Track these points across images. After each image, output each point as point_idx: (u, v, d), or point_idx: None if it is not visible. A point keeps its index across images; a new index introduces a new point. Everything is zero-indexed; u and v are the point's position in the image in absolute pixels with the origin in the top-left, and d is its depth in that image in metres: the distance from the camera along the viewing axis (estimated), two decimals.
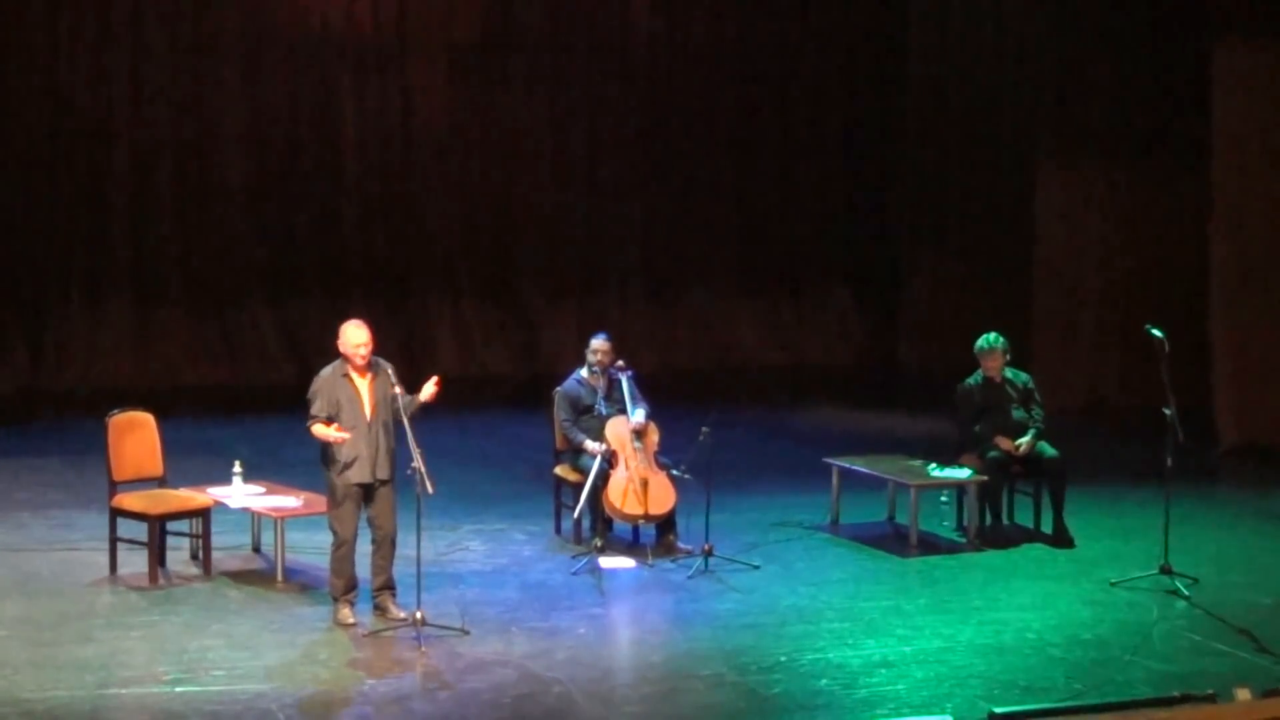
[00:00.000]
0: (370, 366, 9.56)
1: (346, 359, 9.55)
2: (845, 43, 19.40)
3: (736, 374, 18.65)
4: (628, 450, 11.09)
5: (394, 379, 9.50)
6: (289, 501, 10.61)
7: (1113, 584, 10.53)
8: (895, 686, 8.68)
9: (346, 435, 9.39)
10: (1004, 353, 11.79)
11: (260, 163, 17.53)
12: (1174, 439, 10.44)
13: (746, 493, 12.75)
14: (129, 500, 10.40)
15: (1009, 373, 11.87)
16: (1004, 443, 11.56)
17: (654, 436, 11.27)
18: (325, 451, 9.55)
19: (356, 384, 9.54)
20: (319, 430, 9.47)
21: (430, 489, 9.19)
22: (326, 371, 9.62)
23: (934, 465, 11.69)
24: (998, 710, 6.17)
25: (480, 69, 18.15)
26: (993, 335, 11.85)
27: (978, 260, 18.52)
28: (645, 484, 10.99)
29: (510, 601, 10.06)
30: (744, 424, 15.41)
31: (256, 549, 10.98)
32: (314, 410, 9.52)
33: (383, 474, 9.53)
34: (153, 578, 10.23)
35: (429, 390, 9.52)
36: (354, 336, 9.52)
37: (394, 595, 9.62)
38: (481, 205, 18.35)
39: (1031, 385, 11.94)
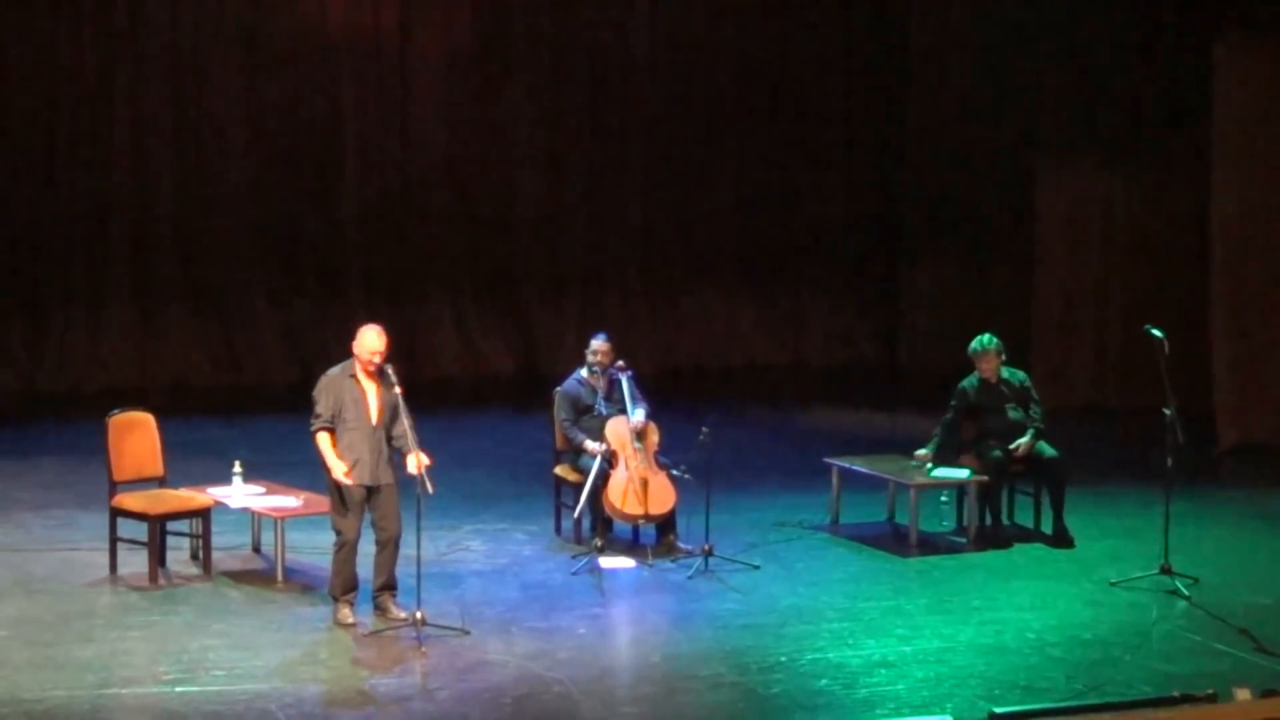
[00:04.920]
0: (377, 371, 9.55)
1: (357, 360, 9.54)
2: (846, 42, 19.39)
3: (736, 374, 18.66)
4: (628, 450, 11.09)
5: (394, 379, 9.50)
6: (289, 501, 10.61)
7: (1113, 584, 10.53)
8: (895, 686, 8.69)
9: (346, 478, 9.39)
10: (998, 353, 11.78)
11: (261, 164, 17.52)
12: (1174, 439, 10.44)
13: (746, 493, 12.75)
14: (129, 500, 10.40)
15: (1005, 372, 11.87)
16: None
17: (654, 436, 11.28)
18: None
19: (363, 386, 9.54)
20: (322, 444, 9.47)
21: (431, 489, 9.20)
22: (334, 371, 9.62)
23: (931, 465, 11.69)
24: (998, 710, 6.17)
25: (480, 70, 18.15)
26: (985, 337, 11.84)
27: (978, 260, 18.52)
28: (645, 484, 11.00)
29: (510, 601, 10.06)
30: (744, 424, 15.41)
31: (256, 549, 10.98)
32: (318, 410, 9.51)
33: (385, 478, 9.52)
34: (153, 578, 10.23)
35: (412, 467, 9.45)
36: (371, 343, 9.51)
37: (394, 595, 9.62)
38: (481, 205, 18.34)
39: (1029, 384, 11.94)
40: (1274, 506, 12.91)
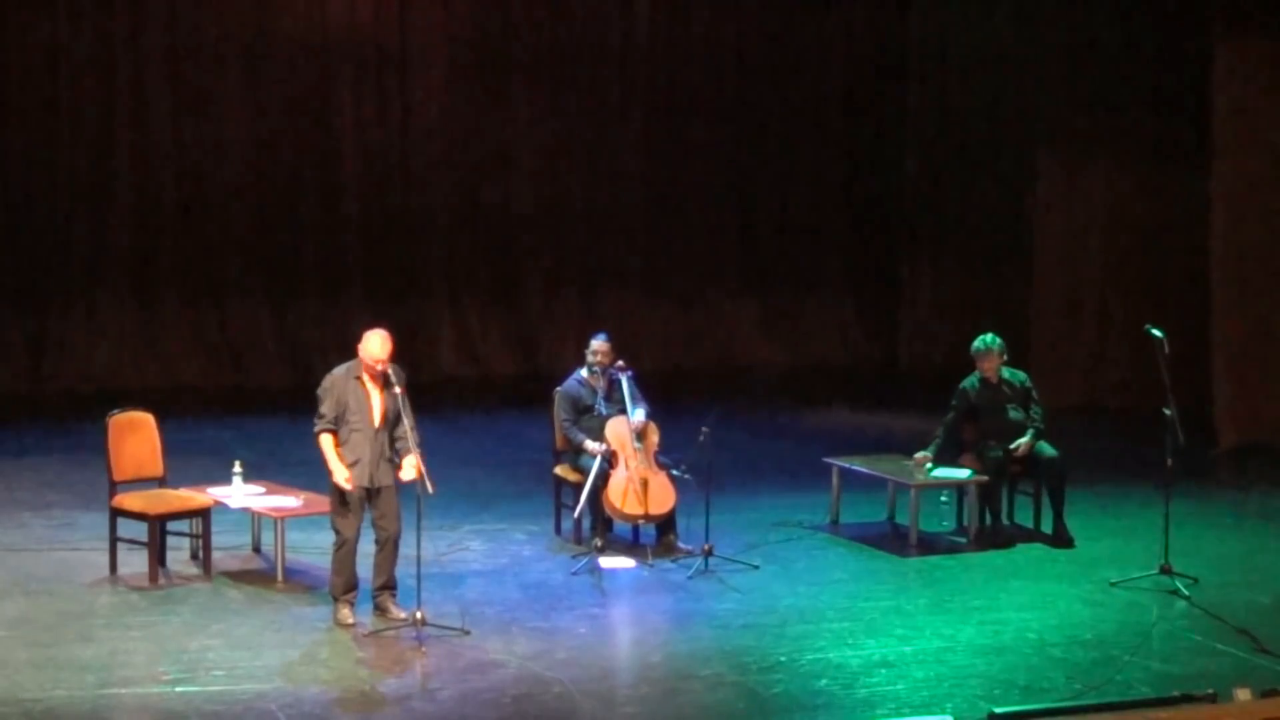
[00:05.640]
0: (381, 374, 9.55)
1: (362, 364, 9.54)
2: (845, 42, 19.40)
3: (737, 374, 18.66)
4: (628, 450, 11.09)
5: (395, 381, 9.48)
6: (289, 501, 10.60)
7: (1113, 584, 10.53)
8: (895, 686, 8.69)
9: (347, 485, 9.40)
10: (1000, 354, 11.79)
11: (261, 163, 17.53)
12: (1174, 439, 10.44)
13: (746, 493, 12.75)
14: (129, 500, 10.40)
15: (1006, 372, 11.87)
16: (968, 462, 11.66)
17: (654, 436, 11.27)
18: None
19: (368, 388, 9.54)
20: (325, 446, 9.47)
21: (431, 489, 9.20)
22: (339, 370, 9.61)
23: (931, 465, 11.68)
24: (998, 710, 6.16)
25: (480, 69, 18.15)
26: (989, 336, 11.85)
27: (977, 260, 18.53)
28: (645, 484, 10.99)
29: (510, 601, 10.06)
30: (744, 424, 15.41)
31: (256, 549, 10.97)
32: (322, 410, 9.51)
33: (384, 479, 9.52)
34: (153, 578, 10.23)
35: (408, 473, 9.44)
36: (375, 350, 9.48)
37: (394, 595, 9.62)
38: (481, 205, 18.35)
39: (1029, 384, 11.94)
40: (1274, 506, 12.91)
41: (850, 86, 19.43)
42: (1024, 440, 11.60)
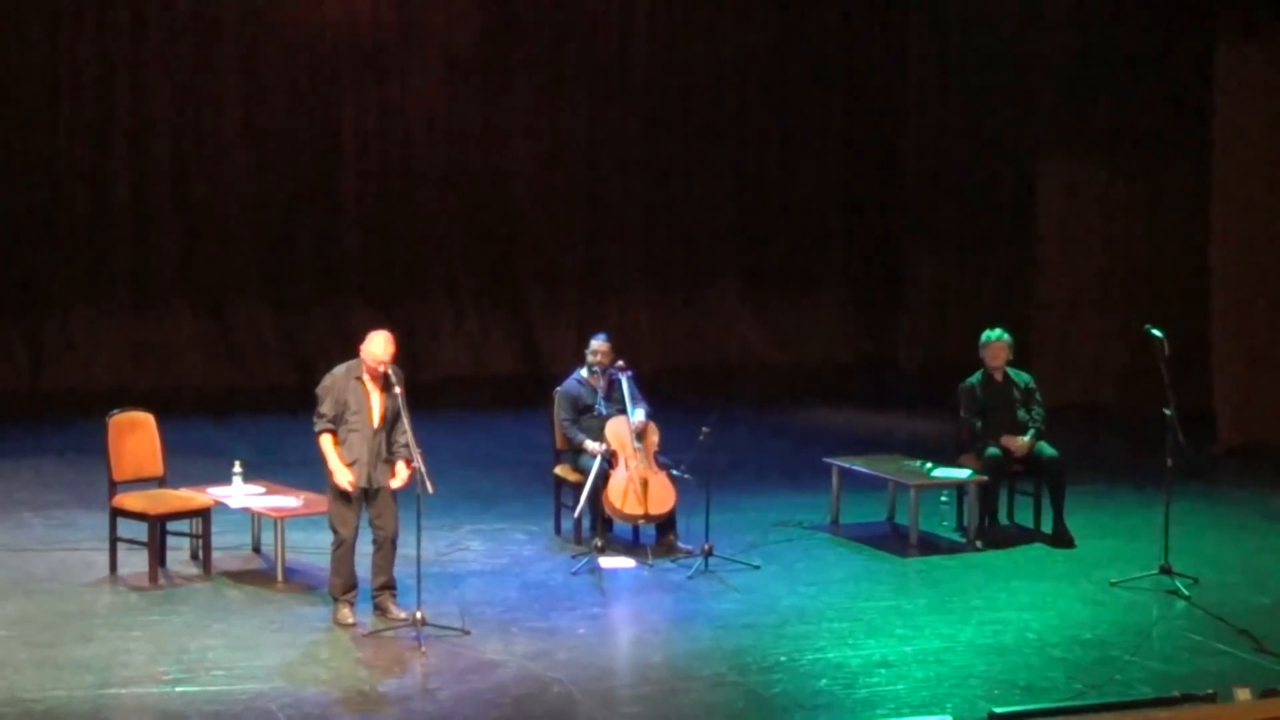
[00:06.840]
0: (382, 375, 9.55)
1: (364, 364, 9.54)
2: (845, 42, 19.40)
3: (736, 374, 18.66)
4: (628, 450, 11.09)
5: (395, 381, 9.47)
6: (289, 501, 10.61)
7: (1113, 584, 10.53)
8: (895, 686, 8.69)
9: (349, 486, 9.40)
10: (1008, 347, 11.79)
11: (260, 163, 17.52)
12: (1174, 439, 10.44)
13: (746, 493, 12.75)
14: (129, 500, 10.40)
15: (1011, 372, 11.87)
16: (1009, 441, 11.56)
17: (654, 436, 11.28)
18: None
19: (367, 388, 9.54)
20: (325, 447, 9.47)
21: (430, 489, 9.20)
22: (340, 370, 9.62)
23: (931, 465, 11.68)
24: (998, 710, 6.17)
25: (480, 69, 18.15)
26: (998, 330, 11.87)
27: (978, 260, 18.53)
28: (645, 484, 10.99)
29: (510, 601, 10.07)
30: (744, 424, 15.41)
31: (256, 549, 10.98)
32: (321, 410, 9.52)
33: (381, 480, 9.51)
34: (153, 578, 10.24)
35: (398, 480, 9.48)
36: (378, 351, 9.48)
37: (394, 595, 9.62)
38: (481, 205, 18.34)
39: (1033, 385, 11.94)
40: (1274, 506, 12.91)
41: (850, 85, 19.42)
42: (1023, 439, 11.59)
